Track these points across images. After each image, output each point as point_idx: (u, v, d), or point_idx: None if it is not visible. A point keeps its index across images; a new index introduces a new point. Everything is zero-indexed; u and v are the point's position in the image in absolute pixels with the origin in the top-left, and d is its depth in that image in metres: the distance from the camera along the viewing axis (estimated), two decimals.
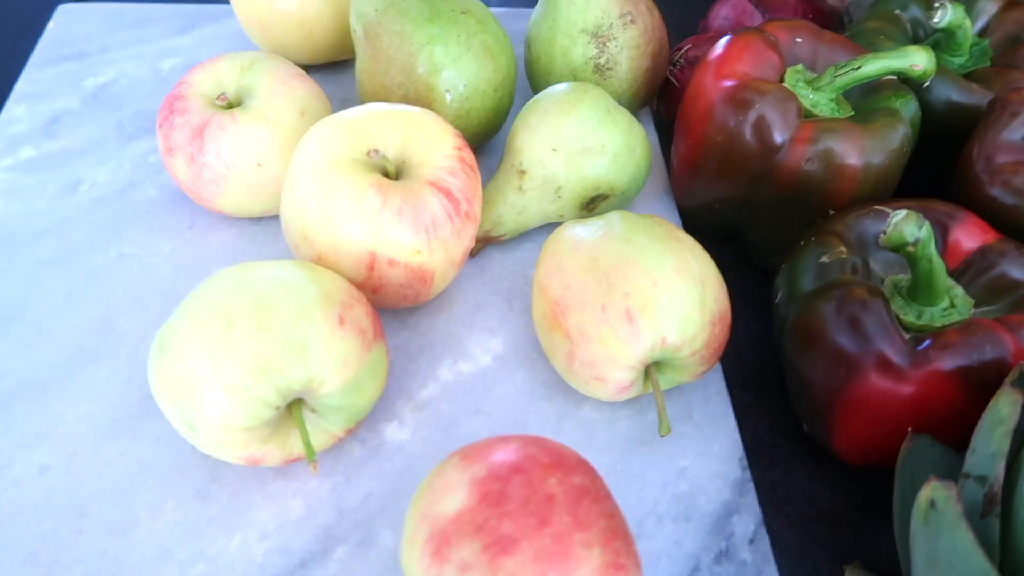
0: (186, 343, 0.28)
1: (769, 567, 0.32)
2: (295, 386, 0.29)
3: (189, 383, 0.28)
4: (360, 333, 0.30)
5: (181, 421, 0.29)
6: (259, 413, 0.29)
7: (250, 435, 0.29)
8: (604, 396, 0.34)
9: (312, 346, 0.29)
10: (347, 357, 0.30)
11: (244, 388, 0.28)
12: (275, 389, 0.28)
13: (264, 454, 0.31)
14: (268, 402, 0.29)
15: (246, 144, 0.38)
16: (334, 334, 0.29)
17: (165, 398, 0.29)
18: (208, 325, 0.28)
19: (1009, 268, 0.34)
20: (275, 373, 0.28)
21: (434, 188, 0.34)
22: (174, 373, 0.29)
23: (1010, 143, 0.37)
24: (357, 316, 0.31)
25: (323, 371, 0.29)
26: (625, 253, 0.33)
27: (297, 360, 0.28)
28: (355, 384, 0.30)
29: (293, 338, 0.28)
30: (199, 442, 0.30)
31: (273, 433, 0.30)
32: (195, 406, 0.28)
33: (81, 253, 0.41)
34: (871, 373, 0.31)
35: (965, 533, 0.24)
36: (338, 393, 0.30)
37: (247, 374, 0.28)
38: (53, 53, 0.51)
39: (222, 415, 0.28)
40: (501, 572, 0.24)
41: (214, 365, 0.28)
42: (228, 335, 0.28)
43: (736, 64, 0.39)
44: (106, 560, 0.31)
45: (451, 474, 0.26)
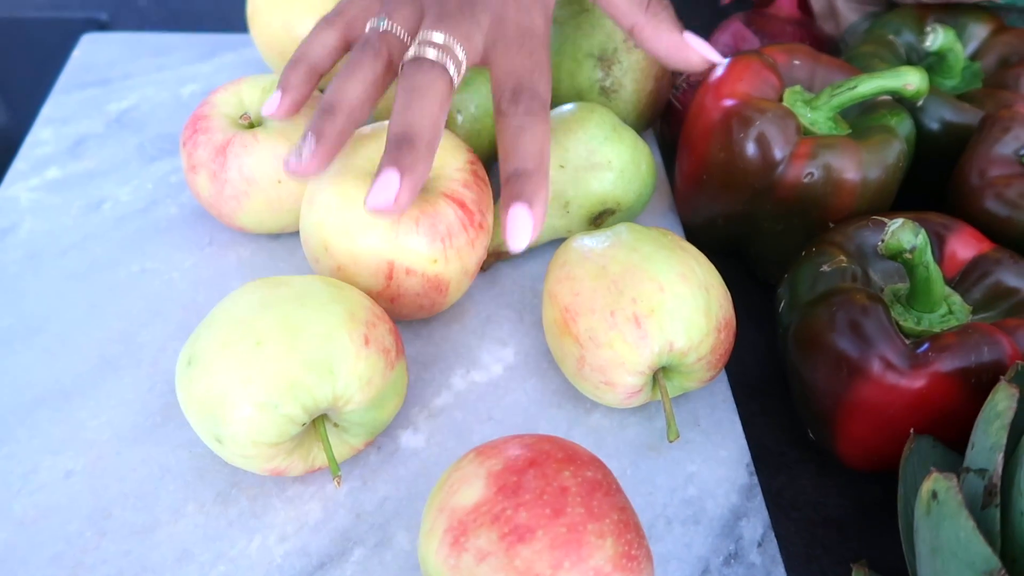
0: (216, 360, 0.29)
1: (778, 569, 0.33)
2: (322, 404, 0.30)
3: (219, 399, 0.29)
4: (384, 352, 0.31)
5: (209, 435, 0.30)
6: (286, 430, 0.30)
7: (276, 450, 0.30)
8: (613, 402, 0.35)
9: (339, 366, 0.30)
10: (372, 376, 0.31)
11: (273, 406, 0.29)
12: (302, 407, 0.29)
13: (288, 466, 0.32)
14: (295, 419, 0.29)
15: (267, 161, 0.39)
16: (360, 354, 0.30)
17: (194, 412, 0.30)
18: (238, 343, 0.29)
19: (1005, 276, 0.35)
20: (303, 392, 0.29)
21: (449, 200, 0.35)
22: (204, 388, 0.30)
23: (1002, 157, 0.38)
24: (381, 335, 0.32)
25: (349, 390, 0.30)
26: (632, 261, 0.34)
27: (324, 380, 0.29)
28: (378, 401, 0.31)
29: (321, 358, 0.29)
30: (226, 455, 0.31)
31: (297, 447, 0.31)
32: (224, 422, 0.29)
33: (104, 268, 0.42)
34: (872, 375, 0.32)
35: (966, 521, 0.24)
36: (361, 410, 0.31)
37: (276, 392, 0.29)
38: (78, 80, 0.53)
39: (251, 431, 0.29)
40: (518, 560, 0.24)
41: (244, 383, 0.29)
42: (258, 354, 0.29)
43: (736, 84, 0.41)
44: (129, 561, 0.32)
45: (468, 468, 0.27)
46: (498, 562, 0.25)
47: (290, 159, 0.33)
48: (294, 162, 0.32)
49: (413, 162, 0.31)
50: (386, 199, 0.31)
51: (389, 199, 0.31)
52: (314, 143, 0.32)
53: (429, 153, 0.32)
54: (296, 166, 0.33)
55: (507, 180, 0.32)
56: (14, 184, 0.46)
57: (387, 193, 0.31)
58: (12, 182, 0.46)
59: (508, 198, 0.32)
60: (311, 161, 0.32)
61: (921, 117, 0.44)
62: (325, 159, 0.33)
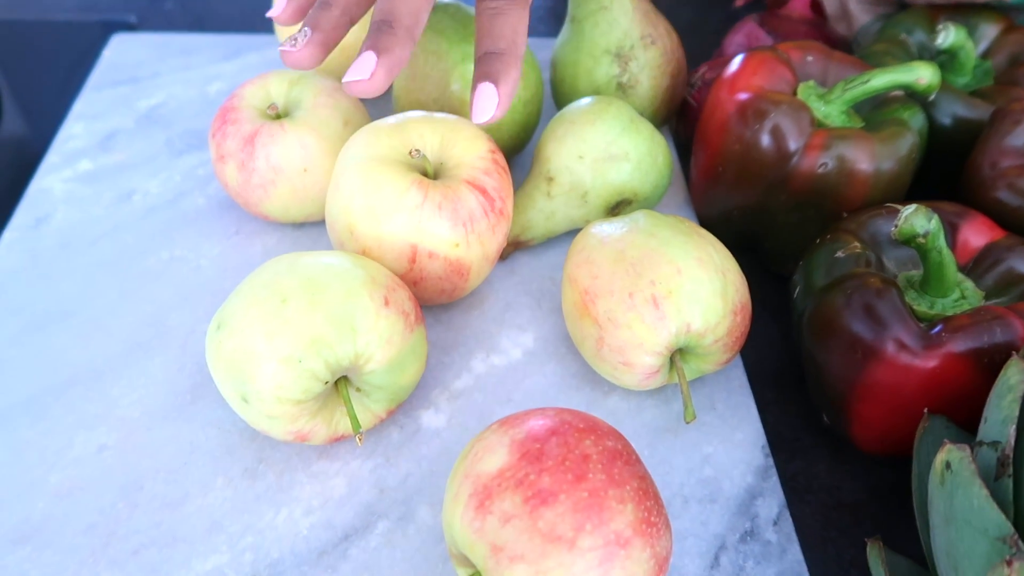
0: (243, 319, 0.31)
1: (793, 546, 0.34)
2: (344, 361, 0.31)
3: (246, 356, 0.30)
4: (404, 314, 0.33)
5: (236, 394, 0.31)
6: (310, 387, 0.31)
7: (300, 409, 0.31)
8: (631, 383, 0.36)
9: (360, 323, 0.31)
10: (392, 335, 0.32)
11: (297, 361, 0.30)
12: (325, 363, 0.30)
13: (311, 430, 0.33)
14: (318, 375, 0.30)
15: (294, 151, 0.40)
16: (380, 313, 0.31)
17: (221, 372, 0.31)
18: (264, 302, 0.31)
19: (1017, 263, 0.36)
20: (326, 347, 0.30)
21: (471, 186, 0.36)
22: (231, 348, 0.31)
23: (1014, 148, 0.39)
24: (401, 299, 0.33)
25: (370, 347, 0.31)
26: (650, 245, 0.35)
27: (346, 336, 0.31)
28: (398, 363, 0.32)
29: (343, 315, 0.31)
30: (252, 416, 0.32)
31: (321, 408, 0.32)
32: (251, 378, 0.30)
33: (135, 256, 0.43)
34: (886, 357, 0.33)
35: (980, 489, 0.25)
36: (382, 371, 0.32)
37: (300, 347, 0.30)
38: (108, 78, 0.55)
39: (276, 387, 0.30)
40: (541, 522, 0.25)
41: (269, 339, 0.30)
42: (283, 311, 0.30)
43: (751, 78, 0.42)
44: (160, 531, 0.33)
45: (492, 438, 0.28)
46: (522, 524, 0.25)
47: (286, 47, 0.34)
48: (290, 50, 0.33)
49: (390, 44, 0.32)
50: (361, 75, 0.32)
51: (365, 75, 0.32)
52: (310, 32, 0.33)
53: (408, 38, 0.33)
54: (291, 54, 0.33)
55: (479, 60, 0.34)
56: (48, 176, 0.47)
57: (363, 71, 0.32)
58: (45, 173, 0.48)
59: (478, 76, 0.34)
60: (305, 50, 0.33)
61: (933, 112, 0.44)
62: (320, 50, 0.34)
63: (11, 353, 0.39)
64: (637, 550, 0.26)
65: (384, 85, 0.33)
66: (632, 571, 0.26)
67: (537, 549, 0.25)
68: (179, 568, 0.32)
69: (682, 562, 0.33)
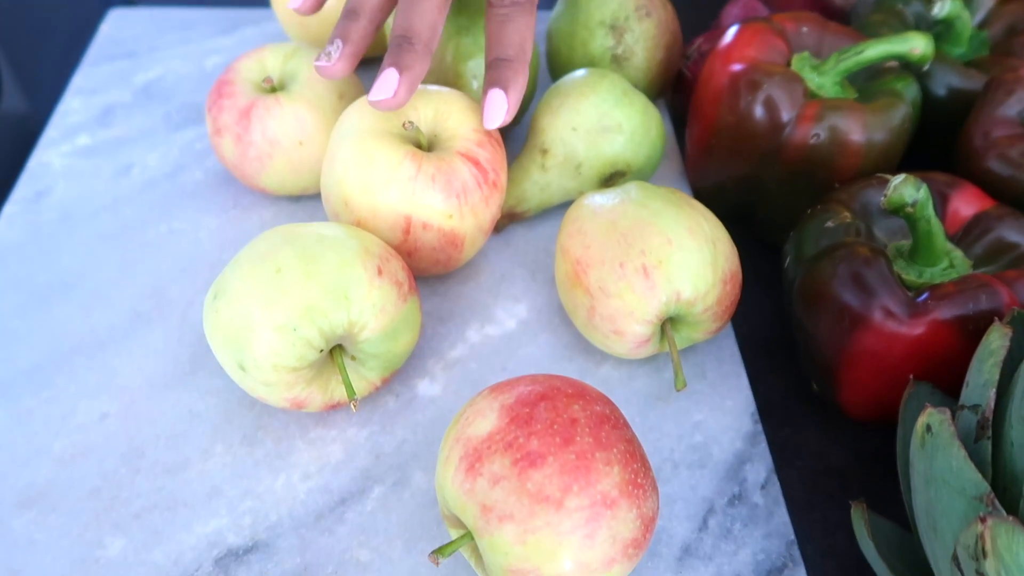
0: (239, 288, 0.31)
1: (780, 509, 0.34)
2: (338, 329, 0.31)
3: (242, 324, 0.31)
4: (397, 284, 0.33)
5: (233, 362, 0.32)
6: (305, 354, 0.31)
7: (296, 376, 0.32)
8: (623, 351, 0.36)
9: (353, 292, 0.31)
10: (385, 304, 0.32)
11: (292, 329, 0.31)
12: (319, 331, 0.31)
13: (307, 397, 0.33)
14: (313, 343, 0.31)
15: (289, 124, 0.41)
16: (373, 283, 0.32)
17: (219, 341, 0.32)
18: (259, 272, 0.31)
19: (1005, 232, 0.36)
20: (320, 316, 0.31)
21: (464, 158, 0.37)
22: (228, 316, 0.31)
23: (1006, 118, 0.39)
24: (394, 269, 0.33)
25: (363, 316, 0.32)
26: (641, 216, 0.35)
27: (340, 304, 0.31)
28: (392, 331, 0.33)
29: (337, 284, 0.31)
30: (249, 384, 0.32)
31: (316, 376, 0.33)
32: (247, 346, 0.31)
33: (135, 228, 0.44)
34: (874, 324, 0.33)
35: (958, 451, 0.25)
36: (376, 339, 0.33)
37: (295, 316, 0.30)
38: (105, 52, 0.55)
39: (271, 355, 0.31)
40: (529, 483, 0.26)
41: (265, 307, 0.31)
42: (278, 280, 0.31)
43: (745, 50, 0.42)
44: (162, 496, 0.34)
45: (482, 403, 0.29)
46: (511, 485, 0.26)
47: (321, 62, 0.36)
48: (325, 64, 0.36)
49: (411, 61, 0.35)
50: (385, 93, 0.34)
51: (389, 93, 0.34)
52: (342, 45, 0.35)
53: (426, 53, 0.35)
54: (327, 68, 0.36)
55: (489, 65, 0.36)
56: (47, 150, 0.48)
57: (387, 88, 0.34)
58: (45, 148, 0.48)
59: (488, 83, 0.36)
60: (339, 63, 0.35)
61: (928, 83, 0.44)
62: (352, 61, 0.36)
63: (14, 324, 0.39)
64: (623, 510, 0.27)
65: (406, 100, 0.35)
66: (618, 530, 0.26)
67: (525, 509, 0.26)
68: (180, 530, 0.33)
69: (671, 525, 0.34)
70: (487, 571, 0.28)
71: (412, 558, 0.32)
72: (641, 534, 0.27)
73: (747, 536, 0.33)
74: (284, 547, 0.32)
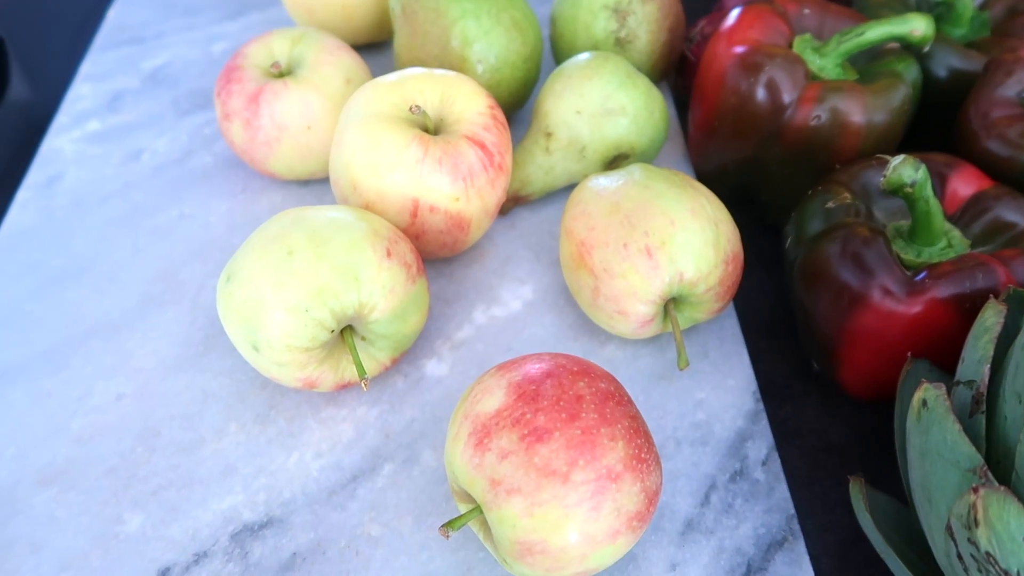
0: (251, 270, 0.32)
1: (781, 485, 0.35)
2: (348, 310, 0.32)
3: (255, 306, 0.32)
4: (406, 266, 0.34)
5: (247, 343, 0.33)
6: (316, 335, 0.32)
7: (308, 356, 0.33)
8: (626, 331, 0.37)
9: (363, 274, 0.32)
10: (394, 285, 0.33)
11: (304, 310, 0.31)
12: (331, 312, 0.32)
13: (319, 377, 0.34)
14: (324, 324, 0.32)
15: (297, 108, 0.41)
16: (382, 264, 0.33)
17: (233, 322, 0.33)
18: (271, 254, 0.32)
19: (1003, 211, 0.36)
20: (331, 297, 0.32)
21: (470, 141, 0.37)
22: (241, 298, 0.32)
23: (1005, 99, 0.40)
24: (402, 251, 0.34)
25: (373, 297, 0.32)
26: (645, 197, 0.36)
27: (350, 286, 0.32)
28: (400, 312, 0.34)
29: (347, 266, 0.32)
30: (262, 364, 0.33)
31: (328, 356, 0.34)
32: (260, 327, 0.32)
33: (145, 213, 0.45)
34: (872, 303, 0.34)
35: (952, 424, 0.26)
36: (385, 319, 0.33)
37: (306, 297, 0.31)
38: (113, 39, 0.56)
39: (284, 335, 0.32)
40: (536, 458, 0.27)
41: (277, 289, 0.31)
42: (289, 262, 0.31)
43: (747, 32, 0.42)
44: (178, 474, 0.35)
45: (490, 381, 0.29)
46: (518, 460, 0.27)
47: None
48: None
49: None
50: None
51: None
52: None
53: None
54: None
55: None
56: (58, 136, 0.49)
57: None
58: (56, 134, 0.49)
59: None
60: None
61: (929, 65, 0.45)
62: None
63: (31, 307, 0.40)
64: (627, 484, 0.27)
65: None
66: (622, 503, 0.27)
67: (532, 483, 0.27)
68: (197, 507, 0.33)
69: (674, 500, 0.34)
70: (495, 544, 0.29)
71: (422, 533, 0.33)
72: (645, 507, 0.28)
73: (748, 511, 0.34)
74: (298, 523, 0.33)
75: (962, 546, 0.24)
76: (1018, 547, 0.22)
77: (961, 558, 0.25)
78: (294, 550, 0.32)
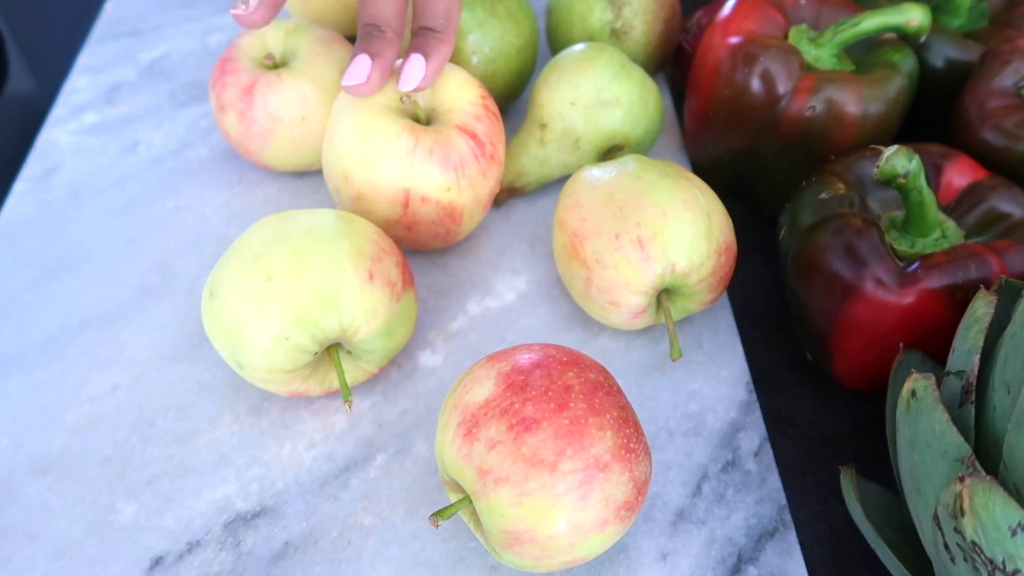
0: (232, 294, 0.32)
1: (772, 476, 0.35)
2: (330, 335, 0.32)
3: (237, 330, 0.31)
4: (389, 285, 0.33)
5: (232, 360, 0.33)
6: (299, 358, 0.32)
7: (292, 376, 0.33)
8: (619, 322, 0.37)
9: (344, 300, 0.32)
10: (377, 308, 0.33)
11: (284, 337, 0.31)
12: (312, 338, 0.32)
13: (306, 389, 0.34)
14: (306, 349, 0.32)
15: (291, 100, 0.41)
16: (364, 288, 0.32)
17: (217, 339, 0.33)
18: (251, 277, 0.31)
19: (998, 202, 0.36)
20: (311, 324, 0.31)
21: (461, 131, 0.37)
22: (223, 320, 0.32)
23: (1001, 89, 0.39)
24: (386, 269, 0.33)
25: (355, 322, 0.32)
26: (637, 188, 0.36)
27: (331, 313, 0.32)
28: (386, 330, 0.33)
29: (327, 292, 0.31)
30: (248, 377, 0.33)
31: (313, 372, 0.34)
32: (243, 350, 0.32)
33: (142, 205, 0.45)
34: (865, 294, 0.34)
35: (941, 414, 0.26)
36: (370, 339, 0.33)
37: (287, 325, 0.31)
38: (110, 31, 0.56)
39: (266, 359, 0.31)
40: (524, 447, 0.27)
41: (257, 316, 0.31)
42: (269, 289, 0.31)
43: (743, 22, 0.42)
44: (172, 464, 0.35)
45: (479, 371, 0.30)
46: (506, 449, 0.27)
47: (239, 10, 0.36)
48: (242, 13, 0.36)
49: (382, 48, 0.36)
50: (359, 79, 0.36)
51: (362, 79, 0.36)
52: None
53: (396, 39, 0.37)
54: (245, 18, 0.36)
55: (414, 33, 0.38)
56: (55, 128, 0.49)
57: (360, 74, 0.36)
58: (53, 126, 0.49)
59: (411, 48, 0.37)
60: (257, 12, 0.36)
61: (926, 55, 0.45)
62: (272, 11, 0.36)
63: (27, 298, 0.40)
64: (616, 473, 0.27)
65: (379, 86, 0.37)
66: (611, 493, 0.27)
67: (521, 472, 0.27)
68: (190, 496, 0.34)
69: (666, 491, 0.34)
70: (485, 533, 0.29)
71: (414, 522, 0.33)
72: (633, 497, 0.28)
73: (740, 501, 0.34)
74: (291, 512, 0.33)
75: (949, 535, 0.24)
76: (1003, 536, 0.22)
77: (948, 547, 0.25)
78: (286, 539, 0.33)
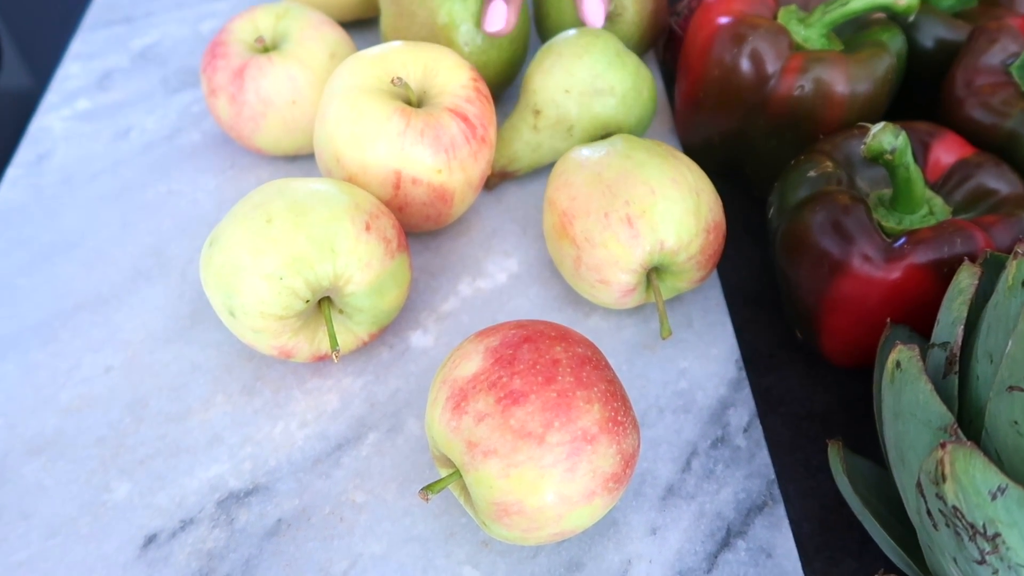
0: (231, 236, 0.32)
1: (761, 452, 0.35)
2: (323, 281, 0.32)
3: (232, 271, 0.32)
4: (384, 240, 0.34)
5: (224, 308, 0.33)
6: (290, 303, 0.32)
7: (282, 324, 0.33)
8: (609, 301, 0.37)
9: (340, 245, 0.32)
10: (371, 259, 0.33)
11: (278, 277, 0.32)
12: (305, 281, 0.32)
13: (294, 347, 0.34)
14: (299, 293, 0.32)
15: (282, 83, 0.41)
16: (360, 237, 0.33)
17: (212, 286, 0.33)
18: (251, 222, 0.32)
19: (985, 178, 0.36)
20: (306, 266, 0.32)
21: (452, 114, 0.37)
22: (219, 263, 0.32)
23: (989, 67, 0.40)
24: (383, 226, 0.34)
25: (349, 269, 0.33)
26: (626, 167, 0.36)
27: (326, 256, 0.32)
28: (378, 287, 0.34)
29: (324, 237, 0.32)
30: (239, 329, 0.33)
31: (303, 327, 0.34)
32: (236, 292, 0.32)
33: (134, 189, 0.45)
34: (852, 270, 0.34)
35: (924, 385, 0.26)
36: (362, 293, 0.34)
37: (282, 265, 0.32)
38: (102, 18, 0.56)
39: (259, 302, 0.32)
40: (512, 420, 0.27)
41: (254, 256, 0.32)
42: (268, 230, 0.32)
43: (732, 3, 0.42)
44: (165, 443, 0.35)
45: (468, 347, 0.30)
46: (494, 422, 0.27)
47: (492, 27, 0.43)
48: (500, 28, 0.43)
49: None
50: (499, 24, 0.42)
51: (501, 23, 0.42)
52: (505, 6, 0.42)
53: None
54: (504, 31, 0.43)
55: None
56: (47, 114, 0.49)
57: (499, 20, 0.42)
58: (45, 112, 0.49)
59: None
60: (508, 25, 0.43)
61: (916, 35, 0.45)
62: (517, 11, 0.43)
63: (21, 281, 0.41)
64: (603, 446, 0.28)
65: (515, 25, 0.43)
66: (598, 465, 0.28)
67: (509, 444, 0.27)
68: (184, 475, 0.34)
69: (655, 466, 0.35)
70: (474, 506, 0.29)
71: (405, 499, 0.33)
72: (621, 469, 0.28)
73: (729, 476, 0.35)
74: (283, 490, 0.34)
75: (931, 502, 0.25)
76: (984, 501, 0.23)
77: (930, 514, 0.25)
78: (279, 516, 0.33)
